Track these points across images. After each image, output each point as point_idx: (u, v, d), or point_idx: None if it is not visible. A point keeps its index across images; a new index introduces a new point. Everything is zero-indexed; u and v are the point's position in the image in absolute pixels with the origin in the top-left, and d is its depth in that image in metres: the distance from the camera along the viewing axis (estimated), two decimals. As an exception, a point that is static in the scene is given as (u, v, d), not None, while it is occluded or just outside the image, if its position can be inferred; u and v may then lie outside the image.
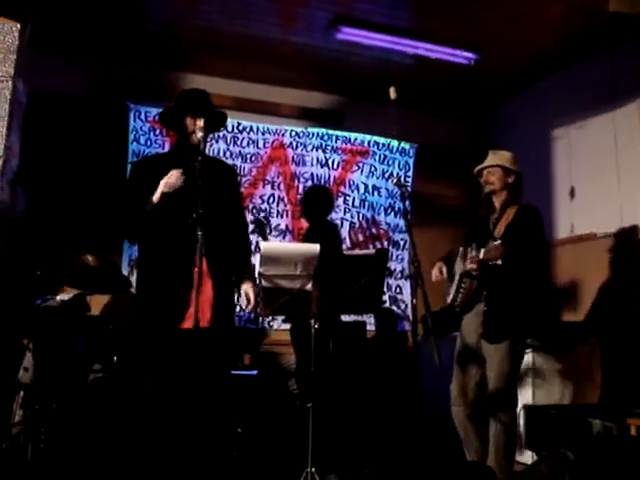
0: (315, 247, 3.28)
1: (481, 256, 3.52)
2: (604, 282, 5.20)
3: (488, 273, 3.66)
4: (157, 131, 5.71)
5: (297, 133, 6.11)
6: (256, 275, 3.41)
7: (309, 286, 3.28)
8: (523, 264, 3.69)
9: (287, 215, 5.94)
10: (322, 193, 5.27)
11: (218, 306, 3.19)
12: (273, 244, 5.10)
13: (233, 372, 4.56)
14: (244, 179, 5.86)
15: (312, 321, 3.37)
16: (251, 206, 5.86)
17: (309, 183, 6.06)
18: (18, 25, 3.67)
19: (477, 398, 3.78)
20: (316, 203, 5.05)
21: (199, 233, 2.92)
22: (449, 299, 3.83)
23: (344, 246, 5.77)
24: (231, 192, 3.49)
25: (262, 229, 5.02)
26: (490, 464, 3.66)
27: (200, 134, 3.20)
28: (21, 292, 4.10)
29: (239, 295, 3.46)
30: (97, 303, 4.61)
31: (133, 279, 5.07)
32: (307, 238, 5.01)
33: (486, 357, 3.73)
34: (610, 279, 5.17)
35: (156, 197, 3.16)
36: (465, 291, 3.76)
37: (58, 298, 4.28)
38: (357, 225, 6.21)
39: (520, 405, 4.30)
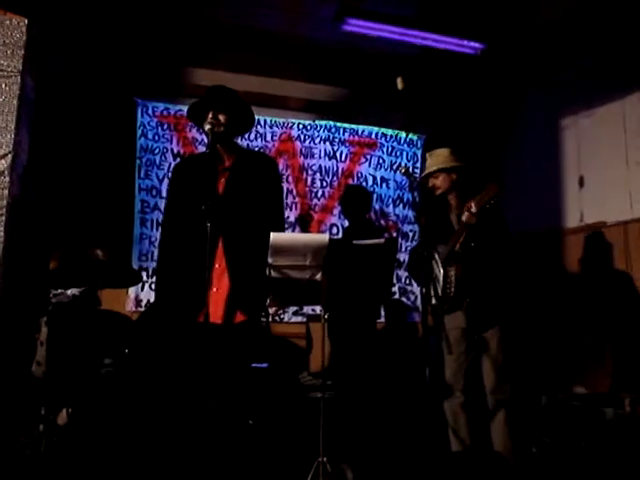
0: (324, 237, 3.29)
1: (473, 209, 3.53)
2: (613, 270, 5.19)
3: (470, 257, 3.69)
4: (165, 126, 5.73)
5: (305, 126, 6.12)
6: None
7: (319, 276, 3.28)
8: (500, 250, 3.73)
9: (296, 207, 5.94)
10: (359, 192, 5.33)
11: (233, 303, 3.19)
12: (282, 234, 5.09)
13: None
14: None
15: (322, 311, 3.39)
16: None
17: (317, 175, 6.07)
18: (25, 20, 3.68)
19: (469, 386, 3.81)
20: (354, 202, 5.12)
21: (208, 225, 2.93)
22: (438, 297, 3.77)
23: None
24: (264, 185, 3.42)
25: (304, 225, 5.28)
26: (498, 449, 3.68)
27: (207, 127, 3.23)
28: (33, 285, 4.11)
29: None
30: (107, 297, 4.62)
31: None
32: (346, 236, 5.11)
33: (479, 344, 3.77)
34: (620, 267, 5.15)
35: None
36: (453, 280, 3.76)
37: (69, 292, 4.29)
38: (368, 219, 6.21)
39: (531, 394, 4.31)
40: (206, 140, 3.32)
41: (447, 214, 3.95)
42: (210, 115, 3.26)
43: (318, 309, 5.32)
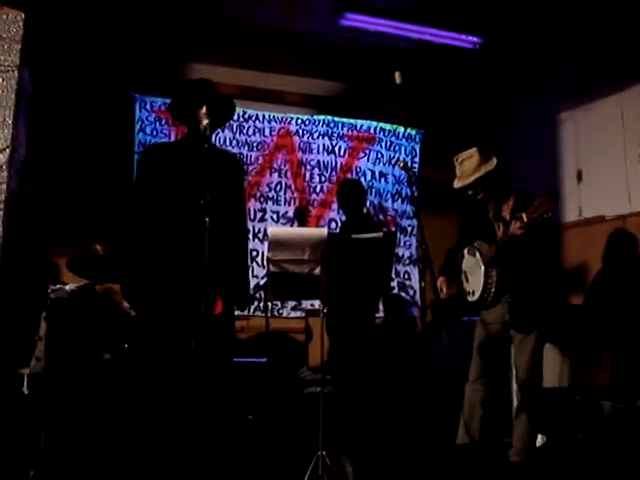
0: (323, 231, 3.29)
1: (524, 221, 3.47)
2: (612, 265, 5.18)
3: (510, 258, 3.67)
4: (163, 121, 5.71)
5: (303, 121, 6.10)
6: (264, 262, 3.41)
7: (317, 270, 3.28)
8: (543, 248, 3.71)
9: (294, 202, 5.92)
10: (353, 185, 5.34)
11: (212, 295, 3.18)
12: (281, 229, 5.12)
13: (244, 360, 4.60)
14: (251, 167, 5.87)
15: (321, 306, 3.40)
16: (258, 194, 5.86)
17: (316, 170, 6.07)
18: (22, 14, 3.68)
19: (494, 382, 3.82)
20: (349, 196, 5.13)
21: (207, 220, 2.92)
22: (476, 295, 3.80)
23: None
24: (232, 183, 3.42)
25: (301, 218, 5.27)
26: (516, 445, 3.71)
27: (205, 121, 3.20)
28: (32, 281, 4.12)
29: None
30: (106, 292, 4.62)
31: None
32: (344, 231, 5.11)
33: (514, 346, 3.79)
34: (618, 261, 5.15)
35: None
36: (493, 282, 3.73)
37: (67, 288, 4.29)
38: (365, 213, 6.21)
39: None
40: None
41: (486, 211, 3.91)
42: (204, 110, 3.22)
43: (317, 304, 5.33)
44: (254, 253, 5.67)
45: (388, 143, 6.29)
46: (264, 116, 6.00)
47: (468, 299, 3.88)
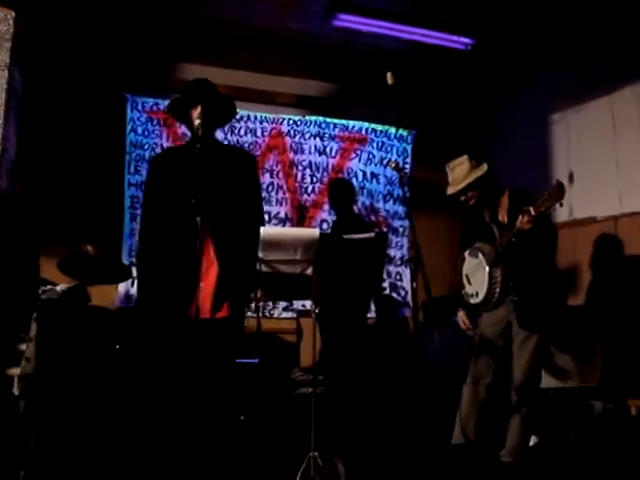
0: (315, 231, 3.29)
1: (532, 214, 3.43)
2: (603, 265, 5.20)
3: (513, 258, 3.67)
4: (154, 121, 5.70)
5: (295, 121, 6.10)
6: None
7: (309, 271, 3.28)
8: (545, 247, 3.71)
9: (286, 203, 5.93)
10: (342, 184, 5.35)
11: (221, 297, 3.18)
12: (273, 229, 5.11)
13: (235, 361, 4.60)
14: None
15: (313, 306, 3.40)
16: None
17: (307, 171, 6.07)
18: (13, 13, 3.66)
19: (492, 384, 3.82)
20: (338, 194, 5.14)
21: (198, 219, 2.91)
22: (480, 297, 3.80)
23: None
24: (241, 179, 3.39)
25: (301, 217, 5.28)
26: (508, 445, 3.70)
27: (198, 121, 3.19)
28: (21, 282, 4.09)
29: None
30: (97, 293, 4.60)
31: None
32: (335, 231, 5.11)
33: (514, 348, 3.76)
34: (609, 262, 5.16)
35: None
36: (497, 282, 3.73)
37: (58, 288, 4.26)
38: (355, 212, 6.21)
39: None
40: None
41: (482, 215, 3.93)
42: (199, 110, 3.22)
43: (308, 304, 5.32)
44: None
45: (380, 144, 6.30)
46: (256, 117, 5.99)
47: (471, 302, 3.87)
